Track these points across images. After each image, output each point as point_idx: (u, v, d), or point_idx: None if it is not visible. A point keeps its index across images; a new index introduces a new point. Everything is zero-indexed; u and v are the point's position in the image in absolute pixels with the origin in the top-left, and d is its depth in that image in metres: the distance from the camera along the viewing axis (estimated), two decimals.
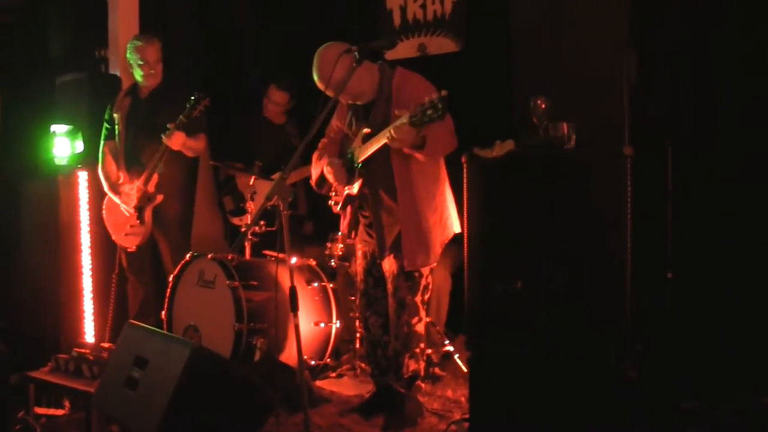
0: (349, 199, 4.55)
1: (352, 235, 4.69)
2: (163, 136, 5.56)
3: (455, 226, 4.52)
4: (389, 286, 4.50)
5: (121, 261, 5.94)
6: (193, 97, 5.53)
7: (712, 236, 4.36)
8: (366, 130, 4.33)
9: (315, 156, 4.68)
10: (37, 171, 6.19)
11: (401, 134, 3.95)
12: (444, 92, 3.74)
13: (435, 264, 4.50)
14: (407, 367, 4.48)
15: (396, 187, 4.33)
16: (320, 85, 4.28)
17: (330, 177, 4.52)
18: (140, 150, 5.77)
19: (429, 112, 3.75)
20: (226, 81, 7.30)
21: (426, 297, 4.53)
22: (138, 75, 5.82)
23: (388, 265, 4.47)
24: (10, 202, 6.65)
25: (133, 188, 5.70)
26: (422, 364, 4.55)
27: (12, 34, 8.50)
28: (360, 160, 4.37)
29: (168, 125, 5.56)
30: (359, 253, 4.72)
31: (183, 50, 7.14)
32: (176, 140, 5.58)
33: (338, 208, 4.64)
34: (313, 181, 4.73)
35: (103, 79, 6.47)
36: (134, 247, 5.80)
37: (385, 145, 4.10)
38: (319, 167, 4.62)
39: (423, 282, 4.47)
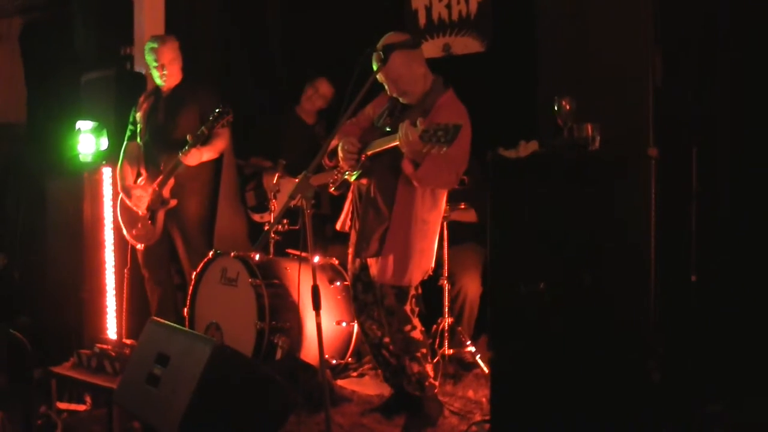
0: (344, 184, 4.56)
1: (347, 227, 4.66)
2: (179, 154, 5.58)
3: (432, 262, 4.49)
4: (377, 292, 4.47)
5: (136, 258, 5.98)
6: (217, 110, 5.49)
7: (737, 239, 4.33)
8: (387, 129, 4.32)
9: (339, 131, 4.61)
10: (62, 168, 6.23)
11: (409, 139, 3.92)
12: (459, 123, 3.73)
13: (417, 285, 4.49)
14: (411, 370, 4.44)
15: (395, 200, 4.29)
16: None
17: (341, 154, 4.46)
18: (159, 150, 5.79)
19: (439, 133, 3.73)
20: (254, 78, 7.32)
21: (416, 307, 4.47)
22: (156, 76, 5.84)
23: (374, 269, 4.44)
24: (35, 198, 6.71)
25: (147, 191, 5.72)
26: (428, 366, 4.49)
27: (38, 31, 8.58)
28: (369, 152, 4.35)
29: (188, 137, 5.57)
30: (350, 258, 4.69)
31: (210, 47, 7.16)
32: (192, 158, 5.61)
33: (333, 188, 4.63)
34: (327, 149, 4.67)
35: (129, 77, 6.50)
36: (143, 246, 5.83)
37: (396, 148, 4.09)
38: (336, 141, 4.56)
39: (412, 291, 4.42)
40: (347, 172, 4.48)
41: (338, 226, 4.74)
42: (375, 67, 4.22)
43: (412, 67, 4.28)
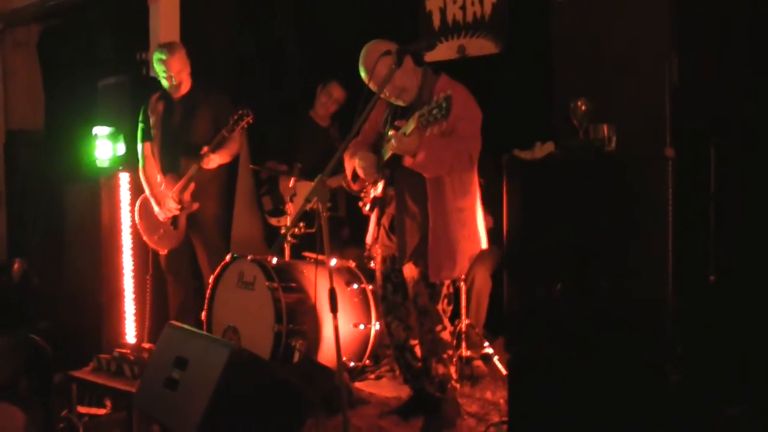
0: (376, 201, 4.55)
1: (374, 238, 4.67)
2: (199, 160, 5.60)
3: (483, 242, 4.50)
4: (410, 292, 4.47)
5: (159, 262, 6.00)
6: (238, 112, 5.51)
7: (754, 239, 4.31)
8: (392, 132, 4.31)
9: (346, 155, 4.61)
10: (79, 173, 6.27)
11: (401, 145, 4.01)
12: (450, 92, 3.74)
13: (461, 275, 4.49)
14: (436, 371, 4.44)
15: (427, 196, 4.28)
16: (365, 80, 4.28)
17: (360, 171, 4.48)
18: (176, 156, 5.80)
19: (434, 111, 3.74)
20: (269, 82, 7.33)
21: (449, 306, 4.47)
22: (166, 85, 5.83)
23: (409, 271, 4.43)
24: (53, 204, 6.76)
25: (171, 196, 5.73)
26: (452, 368, 4.49)
27: (56, 38, 8.64)
28: (384, 159, 4.36)
29: (203, 149, 5.59)
30: (378, 258, 4.68)
31: (225, 52, 7.18)
32: (212, 163, 5.64)
33: (366, 209, 4.64)
34: (348, 176, 4.70)
35: (145, 82, 6.52)
36: (167, 251, 5.85)
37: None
38: (351, 163, 4.59)
39: (444, 291, 4.42)
40: (372, 191, 4.49)
41: (368, 240, 4.72)
42: (371, 75, 4.22)
43: (391, 73, 4.13)
